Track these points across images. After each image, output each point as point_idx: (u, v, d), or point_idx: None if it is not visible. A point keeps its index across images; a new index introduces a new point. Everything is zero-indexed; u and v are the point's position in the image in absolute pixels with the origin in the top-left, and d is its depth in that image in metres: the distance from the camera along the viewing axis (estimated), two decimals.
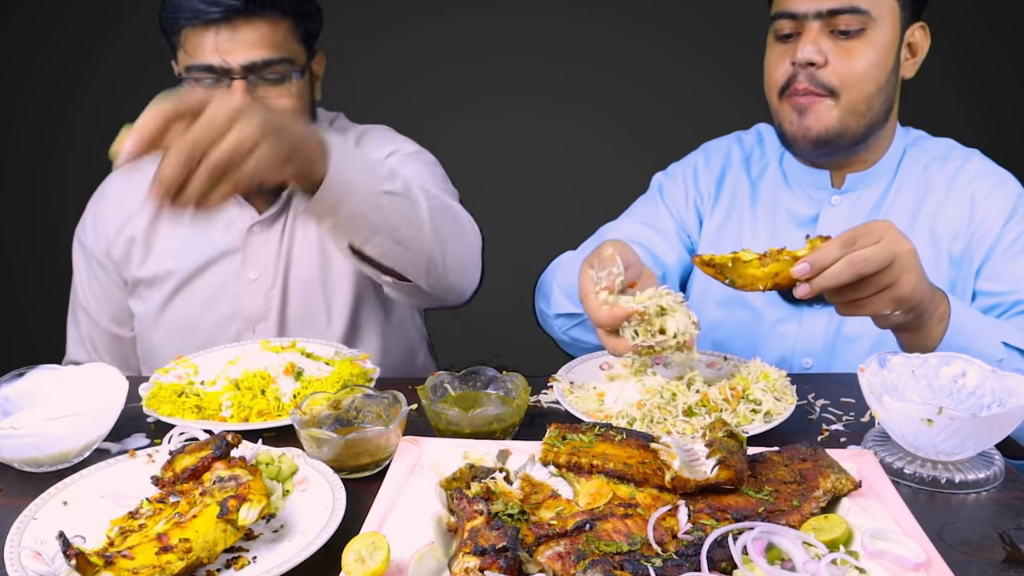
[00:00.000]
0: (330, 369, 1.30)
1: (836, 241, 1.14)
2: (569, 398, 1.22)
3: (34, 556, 0.83)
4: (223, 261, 1.70)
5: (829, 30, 1.49)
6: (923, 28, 1.56)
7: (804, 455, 0.95)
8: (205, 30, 1.51)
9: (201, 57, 1.52)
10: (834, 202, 1.60)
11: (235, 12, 1.50)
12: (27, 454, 1.04)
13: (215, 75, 1.53)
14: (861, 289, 1.14)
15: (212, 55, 1.51)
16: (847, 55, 1.48)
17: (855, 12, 1.47)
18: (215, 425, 1.15)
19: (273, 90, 1.57)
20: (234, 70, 1.52)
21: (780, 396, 1.20)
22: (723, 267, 1.21)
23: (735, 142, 1.77)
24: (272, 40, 1.55)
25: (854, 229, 1.15)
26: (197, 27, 1.51)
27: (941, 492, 1.01)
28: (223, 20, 1.50)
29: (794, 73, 1.50)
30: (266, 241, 1.71)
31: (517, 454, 0.97)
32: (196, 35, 1.52)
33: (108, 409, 1.09)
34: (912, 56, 1.57)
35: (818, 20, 1.48)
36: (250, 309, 1.70)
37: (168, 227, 1.71)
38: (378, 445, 1.04)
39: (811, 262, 1.14)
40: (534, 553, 0.78)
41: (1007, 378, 1.06)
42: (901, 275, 1.14)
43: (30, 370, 1.17)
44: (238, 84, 1.53)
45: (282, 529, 0.91)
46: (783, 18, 1.52)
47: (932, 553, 0.79)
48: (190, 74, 1.55)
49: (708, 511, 0.85)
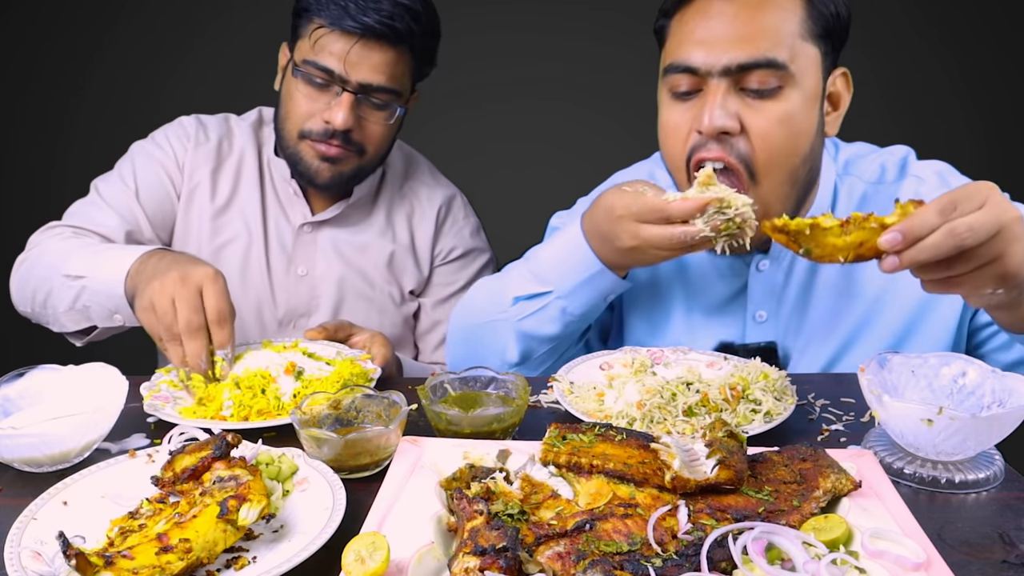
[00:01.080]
0: (331, 369, 1.30)
1: (933, 206, 0.96)
2: (569, 398, 1.22)
3: (34, 556, 0.83)
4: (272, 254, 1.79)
5: (738, 88, 1.26)
6: (845, 75, 1.37)
7: (804, 455, 0.95)
8: (340, 37, 1.56)
9: (326, 59, 1.58)
10: (761, 267, 1.44)
11: (374, 34, 1.56)
12: (27, 454, 1.04)
13: (329, 79, 1.59)
14: (960, 264, 0.98)
15: (337, 62, 1.57)
16: (764, 121, 1.25)
17: (771, 67, 1.23)
18: (215, 424, 1.15)
19: (374, 113, 1.65)
20: (351, 84, 1.58)
21: (780, 396, 1.20)
22: (798, 235, 1.04)
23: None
24: (393, 70, 1.61)
25: (953, 192, 0.98)
26: (334, 31, 1.56)
27: (941, 492, 1.01)
28: (360, 36, 1.56)
29: (702, 142, 1.28)
30: (315, 240, 1.81)
31: (517, 454, 0.97)
32: (330, 37, 1.57)
33: (108, 409, 1.09)
34: (834, 110, 1.37)
35: (725, 78, 1.24)
36: (296, 303, 1.80)
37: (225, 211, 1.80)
38: (378, 445, 1.04)
39: (903, 231, 0.96)
40: (534, 553, 0.78)
41: (1007, 378, 1.06)
42: (1008, 247, 0.97)
43: (30, 370, 1.17)
44: (348, 98, 1.60)
45: (282, 529, 0.91)
46: (678, 72, 1.29)
47: (932, 553, 0.79)
48: (306, 67, 1.60)
49: (708, 511, 0.85)
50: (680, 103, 1.32)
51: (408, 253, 1.88)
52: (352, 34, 1.56)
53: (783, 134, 1.26)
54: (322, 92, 1.62)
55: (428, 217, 1.89)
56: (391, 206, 1.87)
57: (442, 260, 1.92)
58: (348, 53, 1.57)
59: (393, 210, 1.87)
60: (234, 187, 1.80)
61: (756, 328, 1.48)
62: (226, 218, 1.79)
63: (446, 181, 1.98)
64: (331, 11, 1.56)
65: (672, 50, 1.32)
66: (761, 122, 1.25)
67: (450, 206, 1.92)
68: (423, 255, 1.90)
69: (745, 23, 1.25)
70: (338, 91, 1.60)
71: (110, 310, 1.50)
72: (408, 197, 1.90)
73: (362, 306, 1.83)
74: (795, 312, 1.46)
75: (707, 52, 1.26)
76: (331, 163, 1.66)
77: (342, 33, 1.56)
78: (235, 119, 1.87)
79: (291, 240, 1.81)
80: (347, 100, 1.59)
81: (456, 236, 1.92)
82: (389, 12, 1.56)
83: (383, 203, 1.87)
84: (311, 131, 1.64)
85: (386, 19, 1.56)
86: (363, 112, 1.63)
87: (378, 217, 1.86)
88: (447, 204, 1.92)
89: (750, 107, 1.26)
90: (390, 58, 1.60)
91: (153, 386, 1.28)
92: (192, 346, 1.27)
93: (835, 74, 1.35)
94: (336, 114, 1.60)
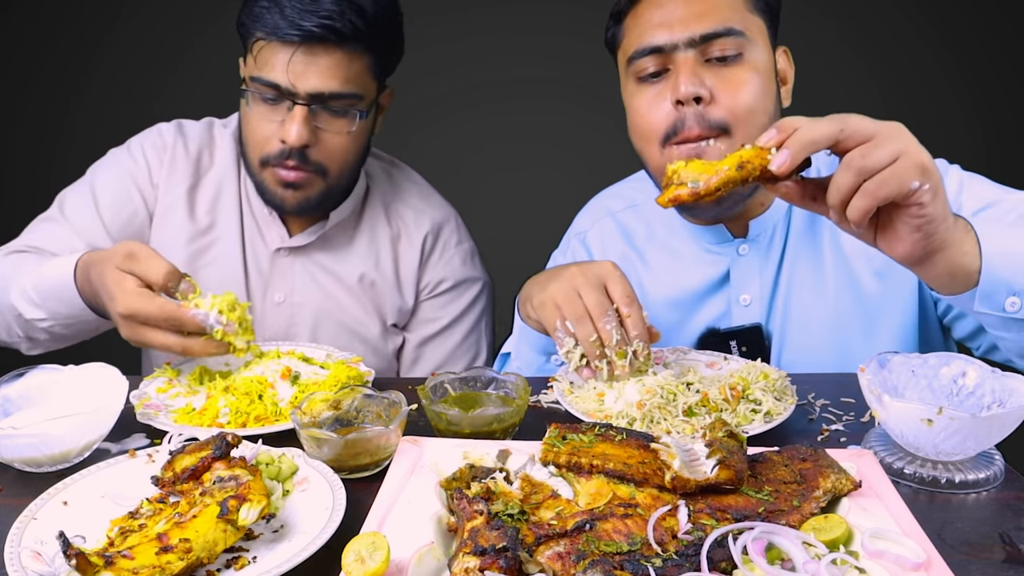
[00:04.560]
0: (326, 373, 1.29)
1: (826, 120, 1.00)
2: (569, 398, 1.22)
3: (34, 556, 0.83)
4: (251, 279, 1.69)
5: (704, 59, 1.34)
6: (786, 53, 1.46)
7: (804, 455, 0.95)
8: (280, 47, 1.44)
9: (269, 73, 1.46)
10: (742, 252, 1.50)
11: (316, 39, 1.43)
12: (27, 454, 1.04)
13: (278, 94, 1.47)
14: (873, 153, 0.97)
15: (281, 75, 1.45)
16: (732, 85, 1.33)
17: (730, 34, 1.33)
18: (212, 432, 1.14)
19: (334, 123, 1.51)
20: (300, 96, 1.46)
21: (780, 396, 1.20)
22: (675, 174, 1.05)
23: (606, 215, 1.65)
24: (346, 73, 1.47)
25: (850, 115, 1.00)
26: (272, 42, 1.45)
27: (941, 492, 1.01)
28: (302, 43, 1.43)
29: (679, 116, 1.34)
30: (292, 265, 1.69)
31: (517, 454, 0.97)
32: (269, 50, 1.46)
33: (108, 409, 1.09)
34: (783, 84, 1.45)
35: (691, 49, 1.33)
36: (273, 331, 1.70)
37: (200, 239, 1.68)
38: (378, 445, 1.04)
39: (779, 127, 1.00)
40: (534, 553, 0.78)
41: (1007, 378, 1.06)
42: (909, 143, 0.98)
43: (30, 370, 1.17)
44: (299, 111, 1.46)
45: (282, 529, 0.91)
46: (645, 56, 1.36)
47: (932, 553, 0.79)
48: (254, 84, 1.49)
49: (708, 511, 0.85)
50: (648, 85, 1.39)
51: (391, 283, 1.75)
52: (292, 42, 1.43)
53: (751, 93, 1.34)
54: (275, 109, 1.50)
55: (414, 244, 1.75)
56: (374, 230, 1.75)
57: (428, 294, 1.78)
58: (290, 63, 1.44)
59: (376, 234, 1.75)
60: (212, 206, 1.68)
61: (742, 312, 1.51)
62: (204, 241, 1.67)
63: (439, 201, 1.82)
64: (266, 22, 1.44)
65: (633, 40, 1.40)
66: (729, 85, 1.33)
67: (439, 232, 1.78)
68: (407, 287, 1.76)
69: (698, 2, 1.34)
70: (289, 106, 1.47)
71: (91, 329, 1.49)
72: (393, 220, 1.76)
73: (343, 335, 1.72)
74: (777, 295, 1.50)
75: (669, 30, 1.34)
76: (294, 189, 1.54)
77: (282, 43, 1.44)
78: (219, 126, 1.75)
79: (267, 265, 1.69)
80: (299, 114, 1.46)
81: (445, 266, 1.78)
82: (329, 13, 1.43)
83: (366, 226, 1.75)
84: (270, 156, 1.52)
85: (326, 20, 1.42)
86: (321, 123, 1.50)
87: (360, 242, 1.73)
88: (435, 230, 1.77)
89: (717, 75, 1.34)
90: (340, 61, 1.46)
91: (143, 395, 1.26)
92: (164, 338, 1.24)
93: (779, 51, 1.45)
94: (289, 130, 1.47)
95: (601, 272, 1.25)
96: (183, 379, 1.32)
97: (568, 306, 1.23)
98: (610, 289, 1.23)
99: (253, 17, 1.46)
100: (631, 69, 1.40)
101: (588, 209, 1.72)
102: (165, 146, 1.69)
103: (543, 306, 1.27)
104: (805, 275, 1.49)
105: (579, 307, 1.22)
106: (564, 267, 1.30)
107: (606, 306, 1.21)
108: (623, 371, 1.20)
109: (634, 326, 1.21)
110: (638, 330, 1.21)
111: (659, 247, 1.58)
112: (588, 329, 1.21)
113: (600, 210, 1.68)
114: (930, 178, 0.98)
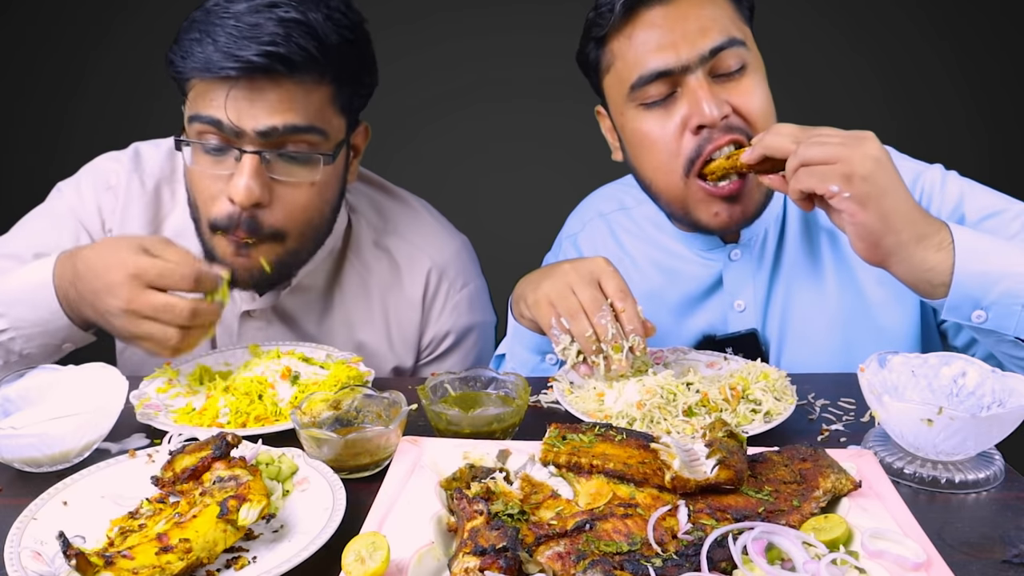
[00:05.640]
0: (326, 373, 1.29)
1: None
2: (569, 398, 1.22)
3: (34, 556, 0.83)
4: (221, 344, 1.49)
5: (712, 76, 1.32)
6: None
7: (804, 455, 0.95)
8: (218, 86, 1.22)
9: (208, 110, 1.23)
10: (734, 257, 1.49)
11: (260, 71, 1.20)
12: (27, 454, 1.04)
13: (222, 134, 1.24)
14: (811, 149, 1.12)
15: (221, 111, 1.22)
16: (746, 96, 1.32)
17: (735, 44, 1.31)
18: (212, 432, 1.14)
19: (294, 171, 1.26)
20: (247, 136, 1.22)
21: (780, 396, 1.20)
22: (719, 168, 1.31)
23: (596, 217, 1.64)
24: (303, 106, 1.23)
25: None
26: (208, 80, 1.22)
27: (941, 492, 1.01)
28: (240, 77, 1.20)
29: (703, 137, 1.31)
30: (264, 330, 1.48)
31: (517, 454, 0.97)
32: (207, 87, 1.23)
33: (108, 409, 1.09)
34: None
35: (701, 68, 1.30)
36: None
37: None
38: (378, 445, 1.04)
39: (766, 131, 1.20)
40: (534, 553, 0.78)
41: (1007, 378, 1.06)
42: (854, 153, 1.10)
43: (30, 370, 1.17)
44: (249, 160, 1.22)
45: (282, 529, 0.91)
46: (651, 81, 1.32)
47: (932, 553, 0.79)
48: (192, 126, 1.25)
49: (708, 511, 0.85)
50: (658, 111, 1.35)
51: (384, 344, 1.52)
52: (226, 81, 1.20)
53: (762, 99, 1.35)
54: (220, 162, 1.26)
55: (409, 296, 1.51)
56: (360, 282, 1.50)
57: (430, 354, 1.56)
58: (229, 98, 1.20)
59: (362, 288, 1.50)
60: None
61: (737, 317, 1.51)
62: None
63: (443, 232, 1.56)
64: (197, 57, 1.21)
65: (631, 66, 1.34)
66: (744, 99, 1.33)
67: (443, 273, 1.53)
68: (404, 349, 1.53)
69: (696, 18, 1.32)
70: (237, 155, 1.23)
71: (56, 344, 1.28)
72: (384, 263, 1.51)
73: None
74: (771, 299, 1.49)
75: (675, 51, 1.30)
76: (246, 257, 1.29)
77: (222, 80, 1.20)
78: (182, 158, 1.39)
79: (236, 328, 1.47)
80: (248, 164, 1.22)
81: (451, 314, 1.54)
82: (272, 37, 1.19)
83: (350, 279, 1.49)
84: (220, 222, 1.27)
85: (269, 47, 1.18)
86: (278, 174, 1.25)
87: (341, 300, 1.49)
88: (440, 271, 1.52)
89: (730, 89, 1.33)
90: (292, 94, 1.22)
91: (143, 395, 1.25)
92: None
93: None
94: (237, 185, 1.22)
95: (594, 268, 1.25)
96: (183, 379, 1.32)
97: (562, 303, 1.23)
98: (603, 284, 1.23)
99: (183, 54, 1.23)
100: (633, 96, 1.35)
101: (579, 211, 1.72)
102: (118, 186, 1.47)
103: (537, 305, 1.27)
104: (804, 281, 1.48)
105: (573, 303, 1.22)
106: (557, 265, 1.30)
107: (600, 301, 1.21)
108: (620, 366, 1.20)
109: (629, 320, 1.21)
110: (633, 324, 1.21)
111: (651, 250, 1.58)
112: (583, 325, 1.21)
113: (591, 212, 1.67)
114: (852, 188, 1.10)
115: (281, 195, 1.27)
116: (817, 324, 1.47)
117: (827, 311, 1.47)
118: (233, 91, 1.21)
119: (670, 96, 1.34)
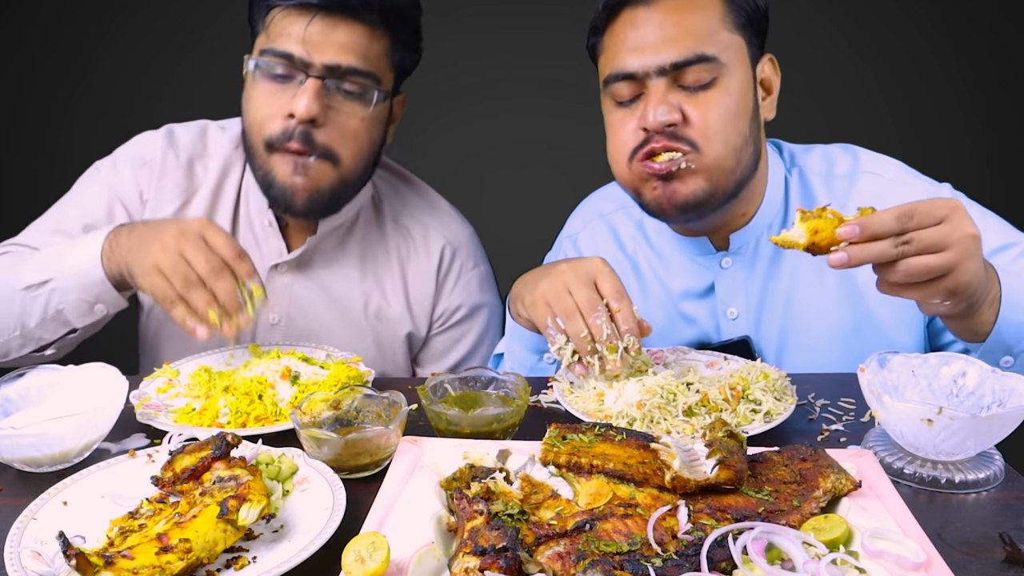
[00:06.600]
0: (326, 373, 1.29)
1: (893, 211, 1.03)
2: (569, 398, 1.22)
3: (34, 556, 0.83)
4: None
5: (677, 84, 1.33)
6: (772, 61, 1.44)
7: (804, 455, 0.95)
8: (298, 15, 1.35)
9: (283, 43, 1.35)
10: (725, 265, 1.49)
11: (337, 7, 1.34)
12: (27, 454, 1.04)
13: (291, 67, 1.36)
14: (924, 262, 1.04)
15: (296, 44, 1.34)
16: (703, 107, 1.32)
17: (703, 61, 1.30)
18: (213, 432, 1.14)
19: (348, 104, 1.40)
20: (314, 67, 1.35)
21: (780, 396, 1.20)
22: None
23: (597, 217, 1.65)
24: (365, 50, 1.38)
25: (916, 203, 1.04)
26: (290, 9, 1.35)
27: (941, 492, 1.01)
28: (322, 9, 1.34)
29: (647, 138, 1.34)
30: (289, 285, 1.58)
31: (517, 454, 0.97)
32: (286, 18, 1.35)
33: (108, 409, 1.09)
34: (768, 94, 1.44)
35: (662, 77, 1.31)
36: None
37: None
38: (378, 445, 1.04)
39: (861, 224, 1.02)
40: (534, 553, 0.78)
41: (1007, 378, 1.06)
42: (960, 263, 1.04)
43: (30, 370, 1.17)
44: (312, 83, 1.35)
45: (282, 529, 0.91)
46: (619, 80, 1.35)
47: (932, 553, 0.79)
48: (263, 58, 1.38)
49: (708, 511, 0.85)
50: (624, 109, 1.38)
51: (402, 309, 1.62)
52: (311, 8, 1.33)
53: (722, 118, 1.32)
54: (285, 86, 1.38)
55: (425, 267, 1.63)
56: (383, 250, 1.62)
57: (442, 325, 1.66)
58: (307, 31, 1.33)
59: (384, 255, 1.62)
60: None
61: (730, 325, 1.50)
62: None
63: (455, 218, 1.69)
64: None
65: (609, 61, 1.38)
66: (701, 111, 1.32)
67: (456, 252, 1.65)
68: (420, 316, 1.64)
69: (672, 26, 1.32)
70: (301, 79, 1.36)
71: (89, 303, 1.35)
72: (403, 236, 1.64)
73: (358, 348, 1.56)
74: (763, 307, 1.49)
75: (641, 56, 1.32)
76: (303, 176, 1.40)
77: (300, 11, 1.34)
78: (214, 130, 1.62)
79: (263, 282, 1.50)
80: (311, 86, 1.35)
81: (463, 290, 1.65)
82: None
83: (373, 244, 1.62)
84: (274, 136, 1.39)
85: None
86: (334, 103, 1.38)
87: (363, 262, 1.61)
88: (453, 249, 1.64)
89: (689, 99, 1.33)
90: (360, 35, 1.37)
91: (143, 395, 1.26)
92: (222, 284, 1.21)
93: (763, 61, 1.42)
94: (299, 102, 1.35)
95: (590, 268, 1.25)
96: (183, 379, 1.32)
97: (558, 303, 1.24)
98: (599, 285, 1.24)
99: None
100: (607, 91, 1.40)
101: (579, 211, 1.72)
102: (153, 160, 1.57)
103: (534, 304, 1.28)
104: (802, 289, 1.47)
105: (569, 304, 1.23)
106: (553, 264, 1.31)
107: (596, 302, 1.22)
108: (614, 365, 1.21)
109: (624, 320, 1.21)
110: (628, 324, 1.21)
111: (649, 251, 1.58)
112: (578, 325, 1.22)
113: (591, 212, 1.67)
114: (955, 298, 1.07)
115: (334, 119, 1.39)
116: (818, 333, 1.46)
117: (829, 321, 1.46)
118: (313, 23, 1.34)
119: (638, 97, 1.36)
